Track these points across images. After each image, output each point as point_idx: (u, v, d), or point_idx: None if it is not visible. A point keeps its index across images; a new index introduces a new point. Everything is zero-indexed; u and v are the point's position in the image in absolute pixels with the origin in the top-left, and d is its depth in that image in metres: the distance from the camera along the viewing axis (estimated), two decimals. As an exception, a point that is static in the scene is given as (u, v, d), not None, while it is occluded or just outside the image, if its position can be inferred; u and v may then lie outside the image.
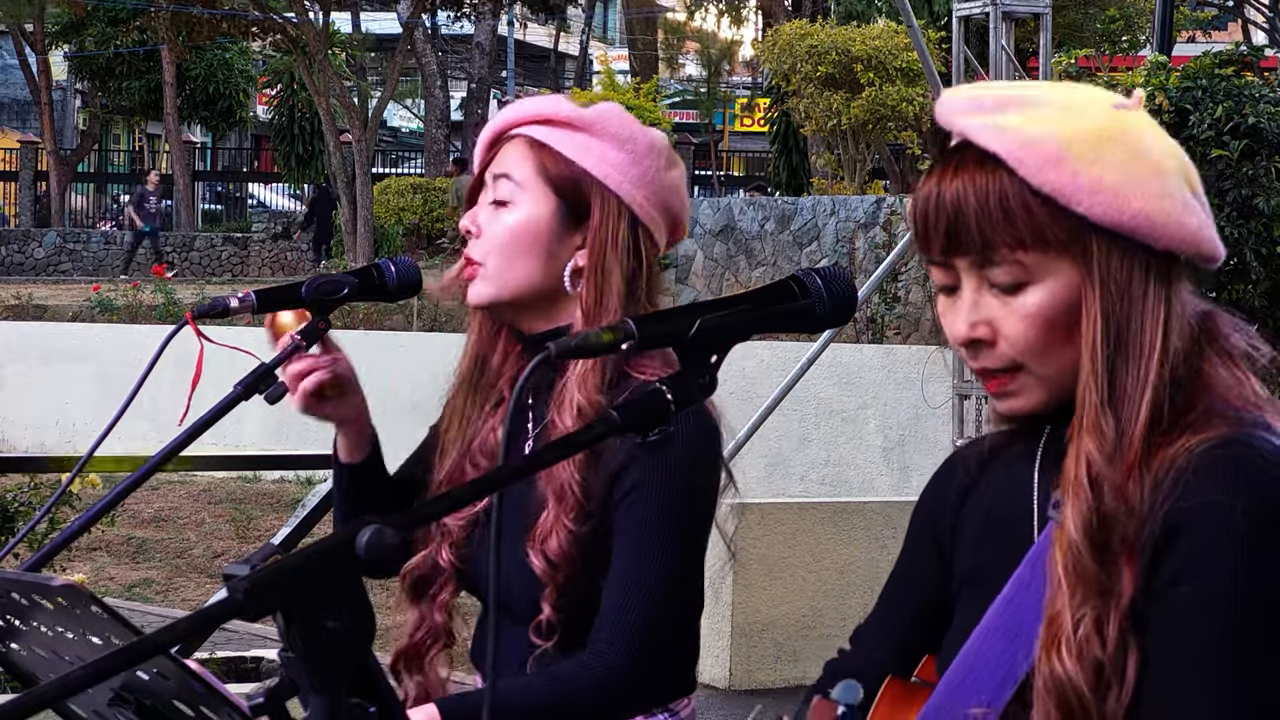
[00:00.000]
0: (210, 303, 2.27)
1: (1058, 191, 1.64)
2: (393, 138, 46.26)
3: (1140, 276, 1.66)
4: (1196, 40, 28.16)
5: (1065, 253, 1.65)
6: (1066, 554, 1.62)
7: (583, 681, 2.18)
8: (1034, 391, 1.69)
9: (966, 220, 1.66)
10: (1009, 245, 1.65)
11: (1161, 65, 9.04)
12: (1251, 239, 8.33)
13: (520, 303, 2.31)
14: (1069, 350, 1.67)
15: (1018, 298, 1.67)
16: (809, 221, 15.98)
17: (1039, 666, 1.63)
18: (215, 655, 5.96)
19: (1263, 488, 1.58)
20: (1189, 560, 1.58)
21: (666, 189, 2.33)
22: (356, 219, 24.99)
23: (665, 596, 2.20)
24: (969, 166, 1.68)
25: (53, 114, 35.33)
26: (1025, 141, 1.65)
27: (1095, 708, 1.60)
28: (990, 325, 1.68)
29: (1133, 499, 1.62)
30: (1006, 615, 1.70)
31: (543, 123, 2.31)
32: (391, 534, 1.30)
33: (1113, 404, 1.64)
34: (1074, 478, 1.64)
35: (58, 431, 14.77)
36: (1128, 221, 1.64)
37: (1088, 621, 1.60)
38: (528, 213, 2.29)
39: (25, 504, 6.05)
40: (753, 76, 44.62)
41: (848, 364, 11.05)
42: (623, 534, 2.22)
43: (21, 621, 1.61)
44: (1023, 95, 1.70)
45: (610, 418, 1.48)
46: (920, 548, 1.90)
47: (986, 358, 1.69)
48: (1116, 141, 1.66)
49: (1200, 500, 1.59)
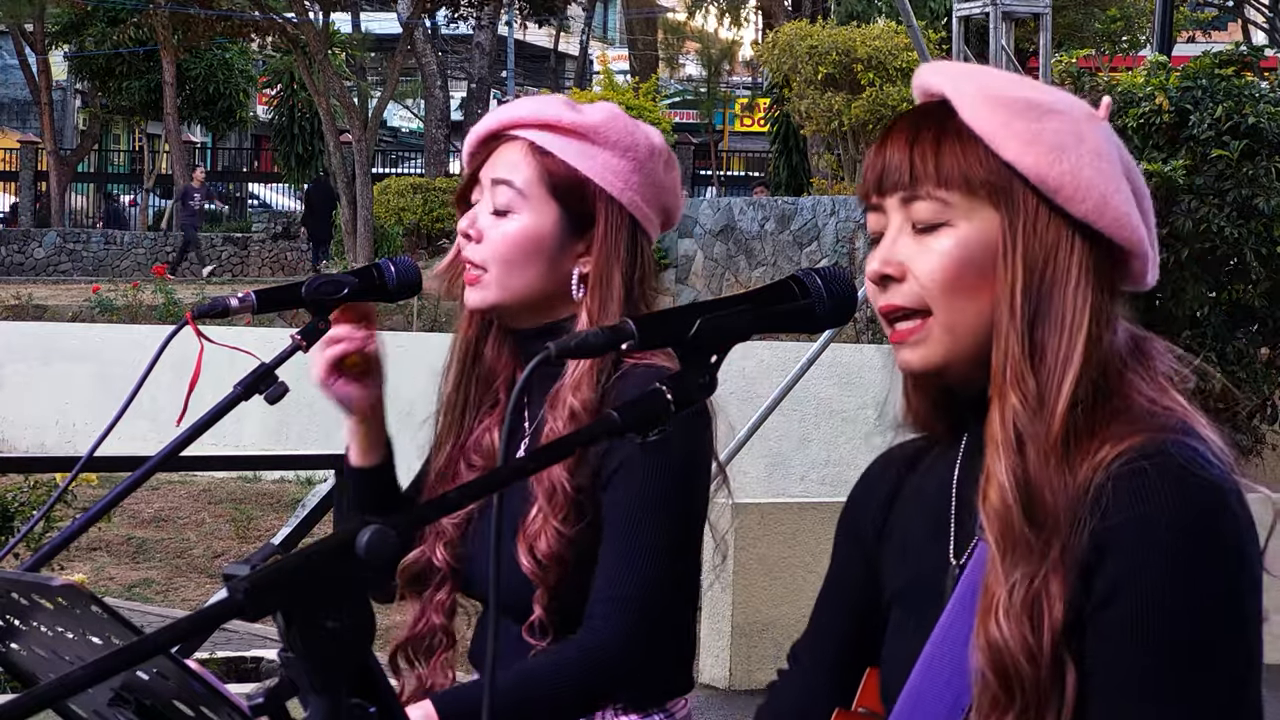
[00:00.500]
0: (210, 303, 2.27)
1: (989, 134, 1.66)
2: (393, 138, 46.25)
3: (1066, 250, 1.65)
4: (1196, 40, 28.16)
5: (989, 199, 1.66)
6: (994, 521, 1.61)
7: (575, 661, 2.17)
8: (937, 344, 1.67)
9: (899, 154, 1.69)
10: (934, 181, 1.67)
11: (1161, 65, 9.04)
12: (1251, 239, 8.33)
13: (520, 306, 2.32)
14: (976, 306, 1.66)
15: (935, 235, 1.67)
16: (809, 221, 15.98)
17: (974, 639, 1.60)
18: (215, 655, 5.97)
19: (1182, 499, 1.57)
20: (1117, 580, 1.57)
21: (666, 191, 2.35)
22: (356, 219, 24.98)
23: (656, 574, 2.19)
24: (917, 113, 1.72)
25: (53, 114, 35.33)
26: (972, 87, 1.68)
27: (1031, 678, 1.57)
28: (902, 264, 1.68)
29: (1056, 483, 1.60)
30: (947, 644, 1.68)
31: (544, 128, 2.30)
32: (392, 534, 1.30)
33: (1034, 366, 1.62)
34: (999, 437, 1.62)
35: (58, 431, 14.77)
36: (1053, 178, 1.64)
37: (1021, 590, 1.58)
38: (530, 222, 2.29)
39: (25, 504, 6.05)
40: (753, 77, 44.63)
41: (848, 364, 11.05)
42: (612, 510, 2.21)
43: (21, 621, 1.61)
44: (999, 71, 1.74)
45: (610, 418, 1.48)
46: (847, 561, 1.88)
47: (895, 293, 1.68)
48: (1064, 118, 1.68)
49: (1123, 518, 1.57)
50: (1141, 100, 8.45)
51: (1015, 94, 1.68)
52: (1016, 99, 1.67)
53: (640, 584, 2.18)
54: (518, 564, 2.22)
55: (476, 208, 2.33)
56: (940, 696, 1.67)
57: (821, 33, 19.33)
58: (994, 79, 1.71)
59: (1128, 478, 1.58)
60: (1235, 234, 8.27)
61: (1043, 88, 1.72)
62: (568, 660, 2.18)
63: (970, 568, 1.68)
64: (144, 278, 22.73)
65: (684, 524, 2.23)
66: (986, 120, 1.66)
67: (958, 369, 1.68)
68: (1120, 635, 1.56)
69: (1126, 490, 1.57)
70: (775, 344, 11.32)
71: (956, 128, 1.68)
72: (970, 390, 1.68)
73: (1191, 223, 8.22)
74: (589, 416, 2.22)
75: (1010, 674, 1.58)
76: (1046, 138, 1.65)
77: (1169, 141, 8.46)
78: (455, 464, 2.36)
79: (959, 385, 1.70)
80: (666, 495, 2.20)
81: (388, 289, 2.33)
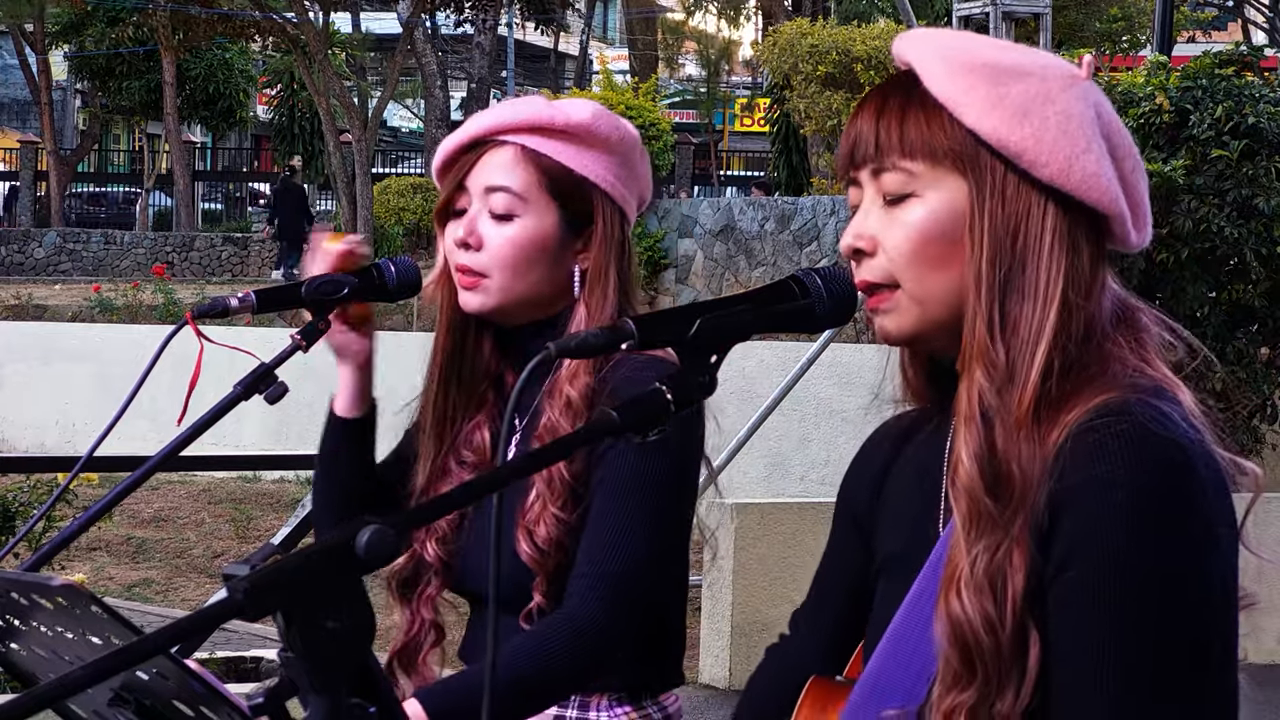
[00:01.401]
0: (210, 303, 2.28)
1: (951, 101, 1.64)
2: (393, 138, 46.26)
3: (1038, 217, 1.62)
4: (1196, 40, 28.16)
5: (955, 167, 1.64)
6: (960, 496, 1.58)
7: (557, 635, 2.16)
8: (906, 314, 1.66)
9: (867, 126, 1.68)
10: (899, 152, 1.65)
11: (1161, 65, 9.04)
12: (1251, 239, 8.32)
13: (518, 307, 2.32)
14: (945, 276, 1.64)
15: (903, 207, 1.66)
16: (809, 221, 15.98)
17: (937, 611, 1.58)
18: (215, 655, 5.97)
19: (1141, 457, 1.52)
20: (1074, 542, 1.53)
21: (642, 180, 2.38)
22: (356, 219, 24.99)
23: (637, 552, 2.19)
24: (886, 85, 1.71)
25: (53, 114, 35.34)
26: (936, 55, 1.66)
27: (991, 650, 1.54)
28: (873, 238, 1.67)
29: (1024, 454, 1.57)
30: (916, 612, 1.66)
31: (534, 131, 2.30)
32: (391, 534, 1.30)
33: (1004, 338, 1.60)
34: (966, 410, 1.60)
35: (58, 431, 14.77)
36: (1014, 143, 1.62)
37: (983, 562, 1.55)
38: (533, 226, 2.29)
39: (25, 504, 6.05)
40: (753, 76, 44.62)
41: (848, 364, 11.04)
42: (598, 489, 2.21)
43: (21, 621, 1.61)
44: (974, 35, 1.73)
45: (610, 418, 1.48)
46: (844, 534, 1.88)
47: (866, 269, 1.68)
48: (1031, 79, 1.65)
49: (1080, 478, 1.53)
50: (1141, 100, 8.45)
51: (981, 58, 1.65)
52: (982, 64, 1.65)
53: (620, 561, 2.17)
54: (517, 552, 2.22)
55: (470, 216, 2.32)
56: (908, 665, 1.66)
57: (821, 32, 19.34)
58: (960, 44, 1.68)
59: (1086, 435, 1.55)
60: (1235, 234, 8.27)
61: (1015, 50, 1.69)
62: (550, 635, 2.17)
63: (942, 539, 1.67)
64: (144, 278, 22.73)
65: (669, 509, 2.22)
66: (949, 87, 1.64)
67: (935, 338, 1.67)
68: (1079, 599, 1.53)
69: (1085, 449, 1.54)
70: (775, 344, 11.33)
71: (921, 96, 1.66)
72: (956, 361, 1.66)
73: (1191, 223, 8.21)
74: (585, 405, 2.23)
75: (971, 647, 1.55)
76: (1010, 102, 1.63)
77: (1169, 141, 8.45)
78: (446, 462, 2.36)
79: (943, 354, 1.69)
80: (652, 478, 2.20)
81: (388, 289, 2.34)
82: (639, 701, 2.30)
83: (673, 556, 2.26)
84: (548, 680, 2.16)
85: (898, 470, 1.82)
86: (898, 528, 1.78)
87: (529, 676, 2.14)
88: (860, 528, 1.84)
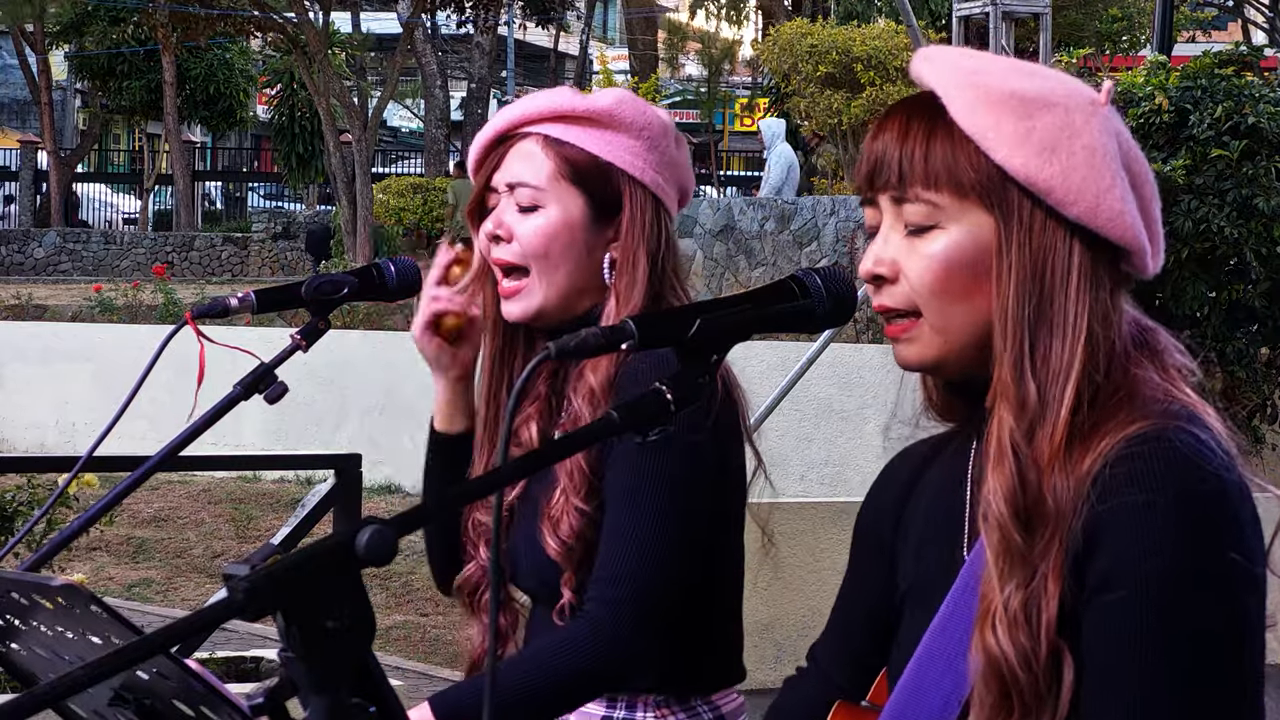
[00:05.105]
0: (210, 303, 2.28)
1: (979, 135, 1.63)
2: (393, 138, 46.24)
3: (1065, 252, 1.62)
4: (1196, 40, 28.15)
5: (980, 201, 1.63)
6: (992, 531, 1.59)
7: (570, 642, 2.15)
8: (928, 343, 1.66)
9: (889, 151, 1.66)
10: (923, 182, 1.64)
11: (1161, 65, 9.04)
12: (1251, 239, 8.32)
13: (559, 306, 2.30)
14: (967, 307, 1.64)
15: (926, 237, 1.65)
16: (809, 221, 15.98)
17: (973, 647, 1.59)
18: (215, 655, 5.97)
19: (1179, 483, 1.54)
20: (1113, 565, 1.54)
21: (680, 168, 2.34)
22: (356, 219, 24.97)
23: (648, 553, 2.16)
24: (912, 105, 1.69)
25: (53, 114, 35.32)
26: (962, 83, 1.64)
27: (1028, 684, 1.56)
28: (894, 264, 1.67)
29: (1058, 485, 1.58)
30: (944, 636, 1.66)
31: (557, 119, 2.29)
32: (390, 534, 1.31)
33: (1034, 375, 1.60)
34: (996, 449, 1.60)
35: (58, 431, 14.76)
36: (1043, 181, 1.61)
37: (1017, 597, 1.56)
38: (560, 214, 2.28)
39: (25, 504, 6.05)
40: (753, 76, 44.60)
41: (848, 364, 11.04)
42: (610, 489, 2.20)
43: (21, 621, 1.61)
44: (993, 56, 1.71)
45: (609, 418, 1.48)
46: (865, 560, 1.87)
47: (886, 295, 1.67)
48: (1056, 111, 1.64)
49: (1121, 501, 1.54)
50: (1141, 100, 8.45)
51: (1007, 88, 1.64)
52: (1009, 94, 1.64)
53: (630, 562, 2.16)
54: (544, 548, 2.22)
55: (498, 210, 2.31)
56: (938, 686, 1.66)
57: (821, 32, 19.33)
58: (984, 71, 1.66)
59: (1126, 462, 1.55)
60: (1235, 234, 8.27)
61: (1037, 75, 1.68)
62: (562, 645, 2.16)
63: (968, 563, 1.67)
64: (144, 278, 22.71)
65: (678, 505, 2.18)
66: (977, 121, 1.63)
67: (956, 364, 1.67)
68: (1113, 622, 1.54)
69: (1124, 475, 1.55)
70: (775, 344, 11.32)
71: (947, 124, 1.64)
72: (980, 383, 1.66)
73: (1191, 223, 8.22)
74: (604, 395, 2.22)
75: (1009, 683, 1.56)
76: (1037, 136, 1.62)
77: (1169, 141, 8.45)
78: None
79: (964, 378, 1.69)
80: (654, 476, 2.17)
81: (388, 289, 2.34)
82: (687, 700, 2.28)
83: (699, 552, 2.21)
84: (557, 690, 2.15)
85: (918, 496, 1.81)
86: (921, 554, 1.77)
87: (538, 686, 2.13)
88: (882, 555, 1.84)
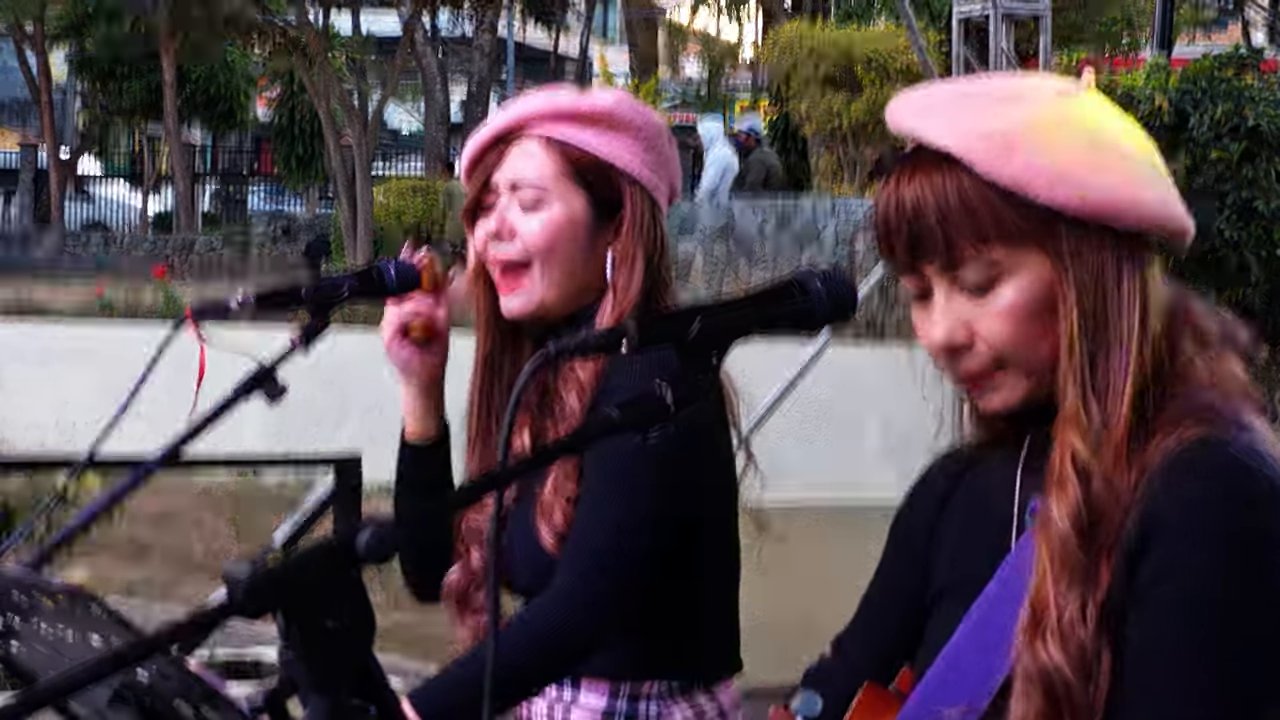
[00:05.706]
0: (210, 303, 2.28)
1: (1015, 182, 1.61)
2: (393, 139, 46.22)
3: (1112, 263, 1.63)
4: (1196, 41, 28.16)
5: (1032, 243, 1.63)
6: (1053, 544, 1.59)
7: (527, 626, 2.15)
8: (1017, 385, 1.66)
9: (928, 222, 1.64)
10: (974, 243, 1.63)
11: (1161, 66, 9.04)
12: (1251, 241, 8.33)
13: (559, 303, 2.31)
14: (1049, 343, 1.64)
15: (991, 295, 1.64)
16: (809, 222, 15.98)
17: (1021, 655, 1.59)
18: (215, 655, 5.97)
19: (1236, 487, 1.55)
20: (1167, 561, 1.55)
21: (673, 167, 2.36)
22: (357, 220, 24.97)
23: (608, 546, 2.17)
24: (924, 167, 1.66)
25: (53, 114, 35.31)
26: (978, 135, 1.63)
27: (1080, 695, 1.57)
28: (967, 327, 1.66)
29: (1119, 490, 1.59)
30: (981, 627, 1.67)
31: (558, 119, 2.30)
32: (391, 534, 1.30)
33: (1095, 394, 1.61)
34: (1059, 471, 1.61)
35: (58, 432, 14.74)
36: (1090, 208, 1.62)
37: (1073, 609, 1.57)
38: (563, 211, 2.29)
39: (25, 504, 6.04)
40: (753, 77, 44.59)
41: (848, 365, 11.05)
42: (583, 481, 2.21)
43: (22, 621, 1.61)
44: (969, 90, 1.69)
45: (609, 417, 1.48)
46: (899, 559, 1.88)
47: (967, 361, 1.67)
48: (1068, 125, 1.64)
49: (1175, 501, 1.56)
50: (1141, 101, 8.45)
51: (1020, 122, 1.63)
52: (1025, 128, 1.62)
53: (592, 554, 2.17)
54: (541, 544, 2.22)
55: (499, 209, 2.31)
56: (971, 671, 1.67)
57: (822, 33, 19.34)
58: (988, 114, 1.64)
59: (1184, 464, 1.56)
60: (1235, 236, 8.27)
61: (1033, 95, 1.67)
62: (536, 609, 2.16)
63: (1008, 561, 1.67)
64: (144, 279, 22.71)
65: (660, 480, 2.19)
66: (1010, 170, 1.61)
67: (1038, 395, 1.67)
68: (1168, 612, 1.55)
69: (1182, 475, 1.56)
70: (775, 344, 11.31)
71: (974, 178, 1.63)
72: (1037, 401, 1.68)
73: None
74: (591, 387, 2.23)
75: (1060, 696, 1.57)
76: (1068, 162, 1.62)
77: (1169, 143, 8.46)
78: (487, 468, 2.36)
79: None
80: (630, 471, 2.17)
81: (388, 289, 2.33)
82: (690, 694, 2.30)
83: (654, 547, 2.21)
84: (523, 676, 2.14)
85: (957, 502, 1.81)
86: (959, 556, 1.77)
87: (519, 660, 2.12)
88: (916, 555, 1.84)
